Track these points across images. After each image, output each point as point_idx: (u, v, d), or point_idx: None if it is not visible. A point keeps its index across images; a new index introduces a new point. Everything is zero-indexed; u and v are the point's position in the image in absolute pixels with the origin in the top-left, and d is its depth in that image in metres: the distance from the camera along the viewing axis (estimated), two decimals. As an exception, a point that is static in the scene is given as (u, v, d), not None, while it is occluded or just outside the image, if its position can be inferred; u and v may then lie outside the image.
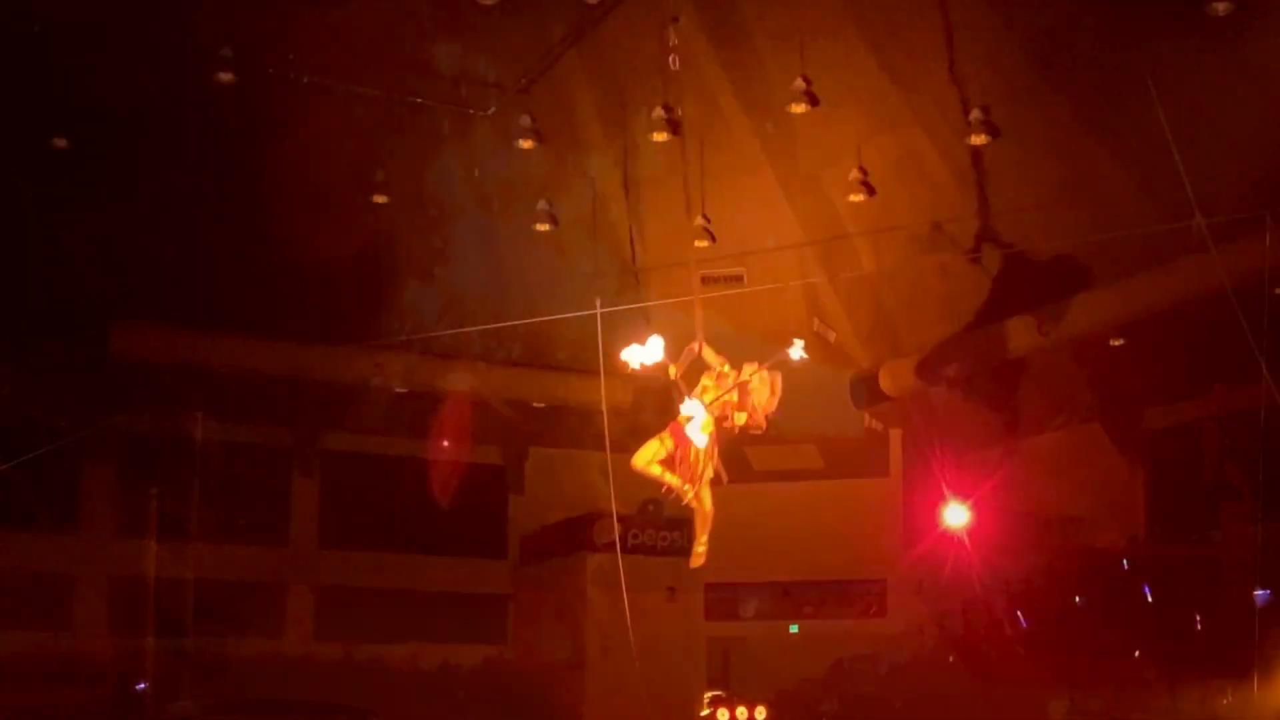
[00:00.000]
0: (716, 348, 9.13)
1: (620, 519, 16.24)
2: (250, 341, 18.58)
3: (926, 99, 16.58)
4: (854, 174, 16.79)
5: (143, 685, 19.81)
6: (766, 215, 18.64)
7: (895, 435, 21.21)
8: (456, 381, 20.09)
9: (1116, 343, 17.28)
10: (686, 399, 8.74)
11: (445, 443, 22.07)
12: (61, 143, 15.78)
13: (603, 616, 19.92)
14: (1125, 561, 18.50)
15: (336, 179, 17.94)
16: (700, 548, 9.28)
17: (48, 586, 20.47)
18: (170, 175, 16.90)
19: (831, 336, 19.70)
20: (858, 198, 16.92)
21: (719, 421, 8.78)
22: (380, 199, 17.55)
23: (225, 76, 15.01)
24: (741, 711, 19.27)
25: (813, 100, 15.46)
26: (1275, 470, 13.50)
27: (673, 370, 8.90)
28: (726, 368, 8.89)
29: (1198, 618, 17.01)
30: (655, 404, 21.17)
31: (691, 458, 8.67)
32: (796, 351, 8.72)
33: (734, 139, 17.87)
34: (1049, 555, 19.21)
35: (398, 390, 19.99)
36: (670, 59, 11.80)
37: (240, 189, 17.29)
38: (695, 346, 9.01)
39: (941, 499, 18.45)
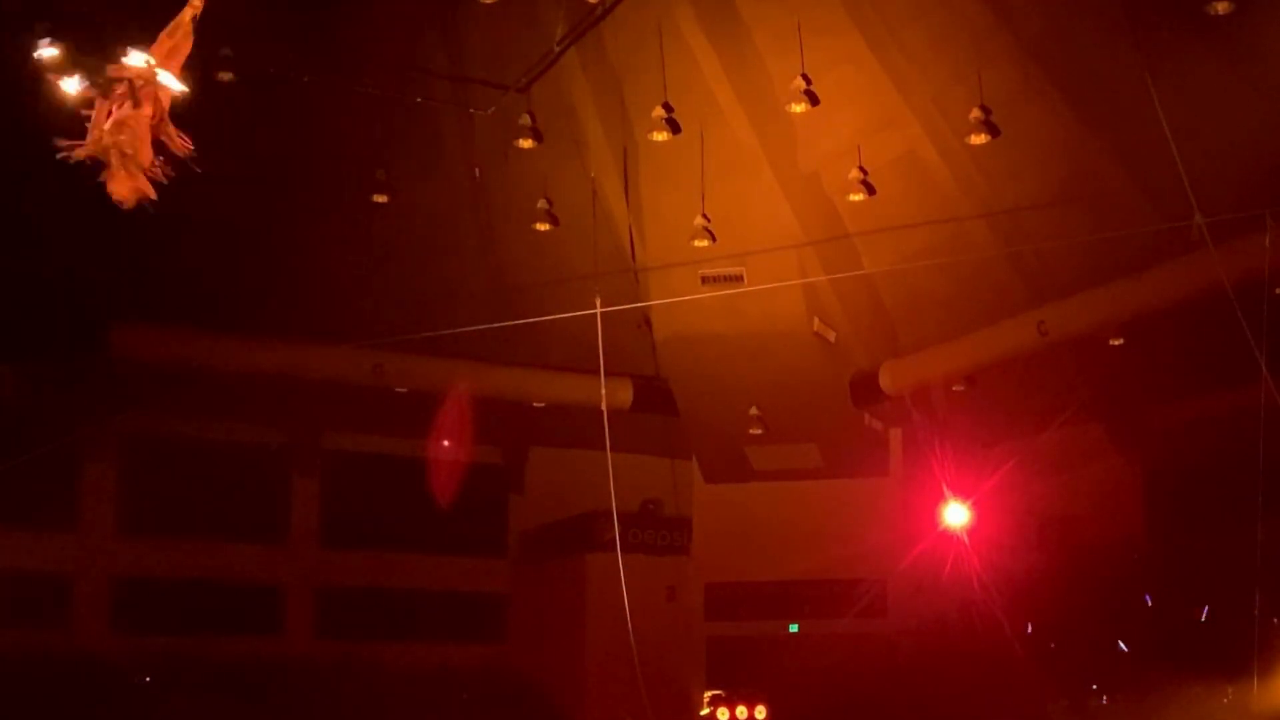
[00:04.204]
0: None
1: (620, 518, 16.22)
2: (250, 341, 18.57)
3: (926, 98, 16.57)
4: (854, 174, 16.76)
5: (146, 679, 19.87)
6: (767, 215, 18.61)
7: (895, 435, 21.17)
8: (457, 381, 20.06)
9: (1116, 342, 17.27)
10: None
11: (445, 443, 22.08)
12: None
13: (602, 616, 19.91)
14: (1125, 561, 18.48)
15: (336, 178, 17.93)
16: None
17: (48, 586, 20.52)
18: (170, 174, 16.86)
19: (832, 336, 19.65)
20: (857, 197, 16.90)
21: None
22: (380, 199, 17.55)
23: (225, 76, 14.99)
24: (741, 711, 19.23)
25: (813, 100, 15.41)
26: (1275, 470, 13.47)
27: None
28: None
29: (1198, 617, 17.00)
30: (656, 404, 21.29)
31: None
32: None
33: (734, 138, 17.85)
34: (1049, 555, 19.19)
35: (398, 390, 19.96)
36: None
37: (240, 188, 17.25)
38: None
39: (941, 499, 18.42)
